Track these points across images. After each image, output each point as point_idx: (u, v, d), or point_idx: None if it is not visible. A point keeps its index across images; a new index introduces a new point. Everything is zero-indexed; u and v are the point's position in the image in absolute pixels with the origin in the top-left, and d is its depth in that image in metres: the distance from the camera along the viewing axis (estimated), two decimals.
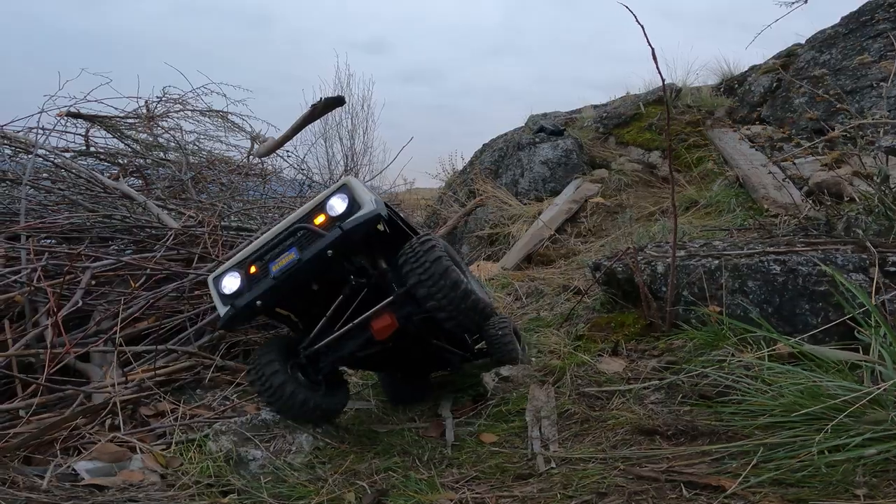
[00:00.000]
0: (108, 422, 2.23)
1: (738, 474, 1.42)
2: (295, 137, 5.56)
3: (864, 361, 1.53)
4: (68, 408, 2.25)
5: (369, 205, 1.91)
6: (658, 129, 6.58)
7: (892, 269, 1.92)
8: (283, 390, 1.94)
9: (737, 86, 7.09)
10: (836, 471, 1.35)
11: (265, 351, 2.02)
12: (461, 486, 1.68)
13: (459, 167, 8.48)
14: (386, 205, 2.03)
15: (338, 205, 1.96)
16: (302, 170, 6.88)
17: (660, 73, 2.11)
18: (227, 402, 2.59)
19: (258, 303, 1.92)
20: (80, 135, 5.26)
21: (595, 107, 8.15)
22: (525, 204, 6.16)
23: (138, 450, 1.99)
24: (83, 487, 1.76)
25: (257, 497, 1.69)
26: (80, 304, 2.74)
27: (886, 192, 2.68)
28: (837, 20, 6.22)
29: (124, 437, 2.05)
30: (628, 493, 1.49)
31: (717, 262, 2.29)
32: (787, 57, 6.76)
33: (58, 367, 2.24)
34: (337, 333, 2.01)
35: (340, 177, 12.19)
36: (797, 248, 2.27)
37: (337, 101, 4.14)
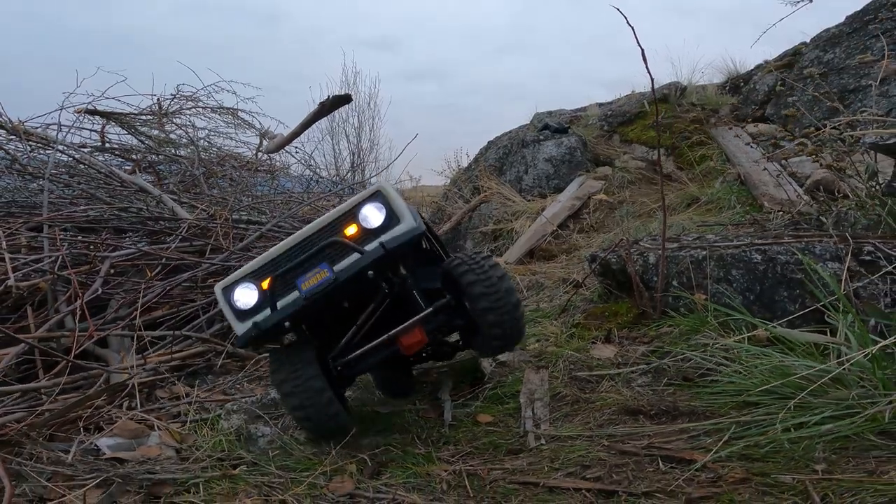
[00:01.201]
0: (126, 403, 2.37)
1: (710, 449, 1.53)
2: (303, 134, 5.71)
3: (831, 343, 1.63)
4: (88, 390, 2.40)
5: (409, 219, 1.81)
6: (662, 126, 6.63)
7: (867, 257, 2.02)
8: (327, 406, 1.83)
9: (742, 84, 7.12)
10: (797, 446, 1.46)
11: (304, 361, 1.86)
12: (456, 459, 1.81)
13: (464, 164, 8.54)
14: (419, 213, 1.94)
15: (373, 216, 1.82)
16: (309, 166, 7.02)
17: (649, 73, 2.21)
18: (238, 387, 2.73)
19: (286, 324, 1.79)
20: (95, 131, 5.44)
21: (600, 105, 8.18)
22: (529, 200, 6.25)
23: (155, 427, 2.12)
24: (105, 461, 1.90)
25: (265, 469, 1.81)
26: (100, 291, 2.87)
27: (874, 188, 2.76)
28: (843, 19, 6.24)
29: (142, 415, 2.19)
30: (610, 465, 1.61)
31: (704, 252, 2.39)
32: (794, 56, 6.77)
33: (80, 349, 2.38)
34: (367, 348, 1.92)
35: (347, 173, 12.31)
36: (783, 241, 2.36)
37: (344, 99, 4.26)
